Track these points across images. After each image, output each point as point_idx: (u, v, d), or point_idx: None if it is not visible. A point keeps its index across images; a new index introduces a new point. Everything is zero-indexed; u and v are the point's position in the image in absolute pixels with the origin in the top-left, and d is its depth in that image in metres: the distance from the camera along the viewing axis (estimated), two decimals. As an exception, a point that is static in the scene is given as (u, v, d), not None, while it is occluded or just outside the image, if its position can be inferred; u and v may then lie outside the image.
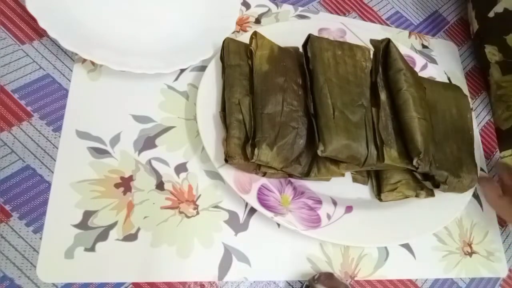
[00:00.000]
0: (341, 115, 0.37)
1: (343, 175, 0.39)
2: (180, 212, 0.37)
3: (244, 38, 0.42)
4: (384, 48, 0.42)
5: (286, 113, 0.38)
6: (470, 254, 0.45)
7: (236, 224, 0.38)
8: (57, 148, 0.36)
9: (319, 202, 0.39)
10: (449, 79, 0.52)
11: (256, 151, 0.35)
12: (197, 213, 0.37)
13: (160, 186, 0.37)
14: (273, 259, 0.38)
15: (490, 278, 0.46)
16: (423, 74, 0.49)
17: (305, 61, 0.40)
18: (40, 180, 0.34)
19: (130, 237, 0.34)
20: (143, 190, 0.36)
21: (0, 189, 0.33)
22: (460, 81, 0.56)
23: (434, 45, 0.57)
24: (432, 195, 0.42)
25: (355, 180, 0.43)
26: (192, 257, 0.35)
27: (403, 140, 0.39)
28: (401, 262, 0.42)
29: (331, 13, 0.53)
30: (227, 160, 0.35)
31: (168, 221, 0.36)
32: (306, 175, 0.38)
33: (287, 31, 0.45)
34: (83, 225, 0.34)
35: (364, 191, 0.42)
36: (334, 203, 0.39)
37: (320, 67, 0.39)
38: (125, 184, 0.36)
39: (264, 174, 0.37)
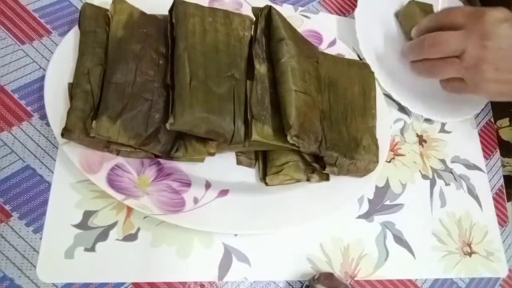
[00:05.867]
0: (201, 85, 0.33)
1: (212, 154, 0.35)
2: (180, 212, 0.37)
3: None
4: (267, 16, 0.38)
5: (140, 83, 0.34)
6: (470, 254, 0.45)
7: (236, 224, 0.38)
8: (57, 148, 0.36)
9: (188, 185, 0.35)
10: (358, 56, 0.48)
11: (94, 123, 0.31)
12: (197, 213, 0.37)
13: (160, 186, 0.37)
14: (273, 259, 0.38)
15: (490, 278, 0.46)
16: (331, 50, 0.46)
17: (169, 28, 0.36)
18: (40, 180, 0.34)
19: (130, 237, 0.34)
20: (143, 190, 0.36)
21: (0, 189, 0.33)
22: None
23: (433, 45, 0.57)
24: (327, 179, 0.39)
25: (239, 162, 0.39)
26: (192, 257, 0.35)
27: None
28: (401, 262, 0.42)
29: (331, 13, 0.53)
30: (63, 134, 0.31)
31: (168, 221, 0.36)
32: (167, 154, 0.34)
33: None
34: (83, 225, 0.34)
35: (250, 174, 0.39)
36: (208, 187, 0.36)
37: (182, 33, 0.35)
38: (125, 184, 0.36)
39: (119, 153, 0.34)
